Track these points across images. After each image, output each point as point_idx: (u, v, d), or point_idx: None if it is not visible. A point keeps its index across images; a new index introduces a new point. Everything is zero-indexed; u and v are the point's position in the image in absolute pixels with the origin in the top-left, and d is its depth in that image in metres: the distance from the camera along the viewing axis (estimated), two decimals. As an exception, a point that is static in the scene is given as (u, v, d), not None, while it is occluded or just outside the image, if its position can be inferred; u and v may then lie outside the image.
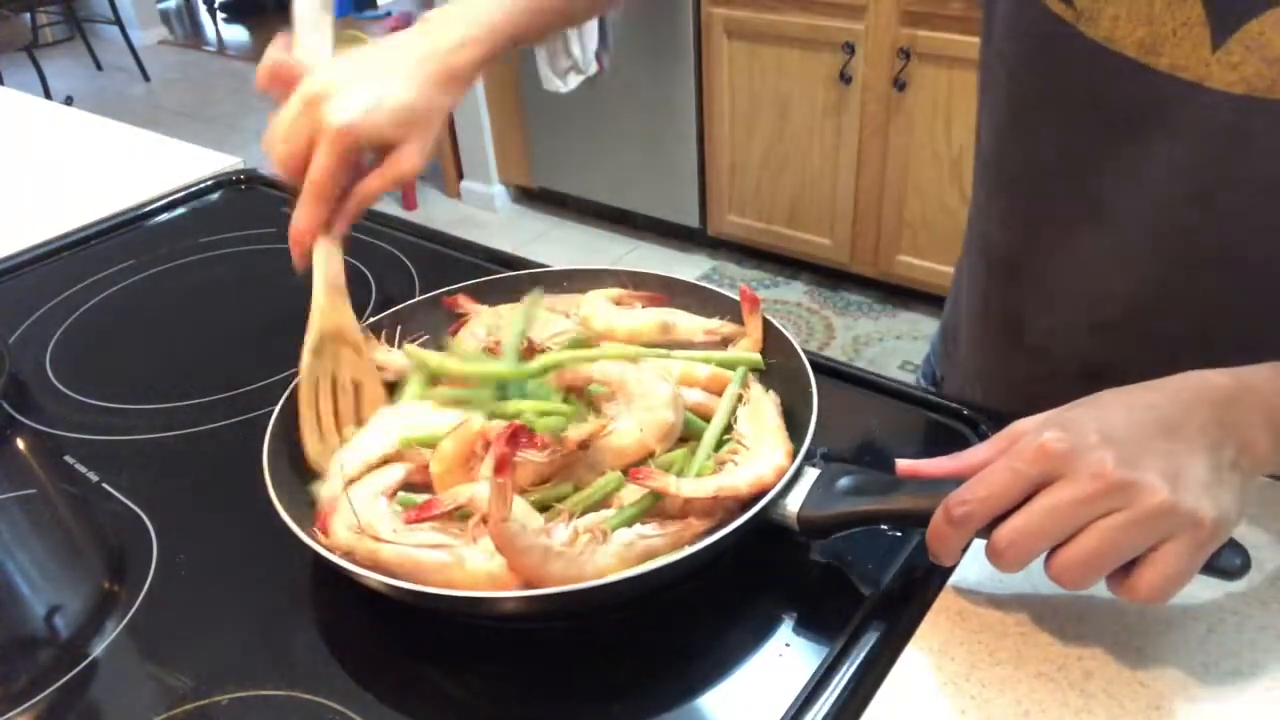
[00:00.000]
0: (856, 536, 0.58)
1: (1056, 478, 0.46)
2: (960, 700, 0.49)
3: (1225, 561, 0.47)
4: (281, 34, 0.70)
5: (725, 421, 0.62)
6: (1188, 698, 0.49)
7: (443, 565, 0.52)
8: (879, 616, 0.55)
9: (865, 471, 0.57)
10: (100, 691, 0.55)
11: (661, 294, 0.74)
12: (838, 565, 0.59)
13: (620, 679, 0.54)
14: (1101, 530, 0.44)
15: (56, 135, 1.33)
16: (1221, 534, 0.45)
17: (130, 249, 1.02)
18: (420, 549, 0.53)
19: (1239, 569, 0.48)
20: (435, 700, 0.54)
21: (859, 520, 0.54)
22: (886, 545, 0.59)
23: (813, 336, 2.64)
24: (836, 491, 0.55)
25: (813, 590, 0.58)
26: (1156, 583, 0.45)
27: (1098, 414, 0.47)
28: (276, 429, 0.62)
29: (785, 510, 0.55)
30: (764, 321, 0.69)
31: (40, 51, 4.80)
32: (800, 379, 0.63)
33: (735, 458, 0.59)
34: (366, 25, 3.37)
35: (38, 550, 0.66)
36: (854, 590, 0.57)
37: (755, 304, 0.69)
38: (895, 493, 0.54)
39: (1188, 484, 0.44)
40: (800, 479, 0.56)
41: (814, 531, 0.56)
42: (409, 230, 1.01)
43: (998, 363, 0.79)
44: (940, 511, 0.49)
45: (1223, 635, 0.52)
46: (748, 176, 2.75)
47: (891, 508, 0.53)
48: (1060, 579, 0.46)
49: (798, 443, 0.58)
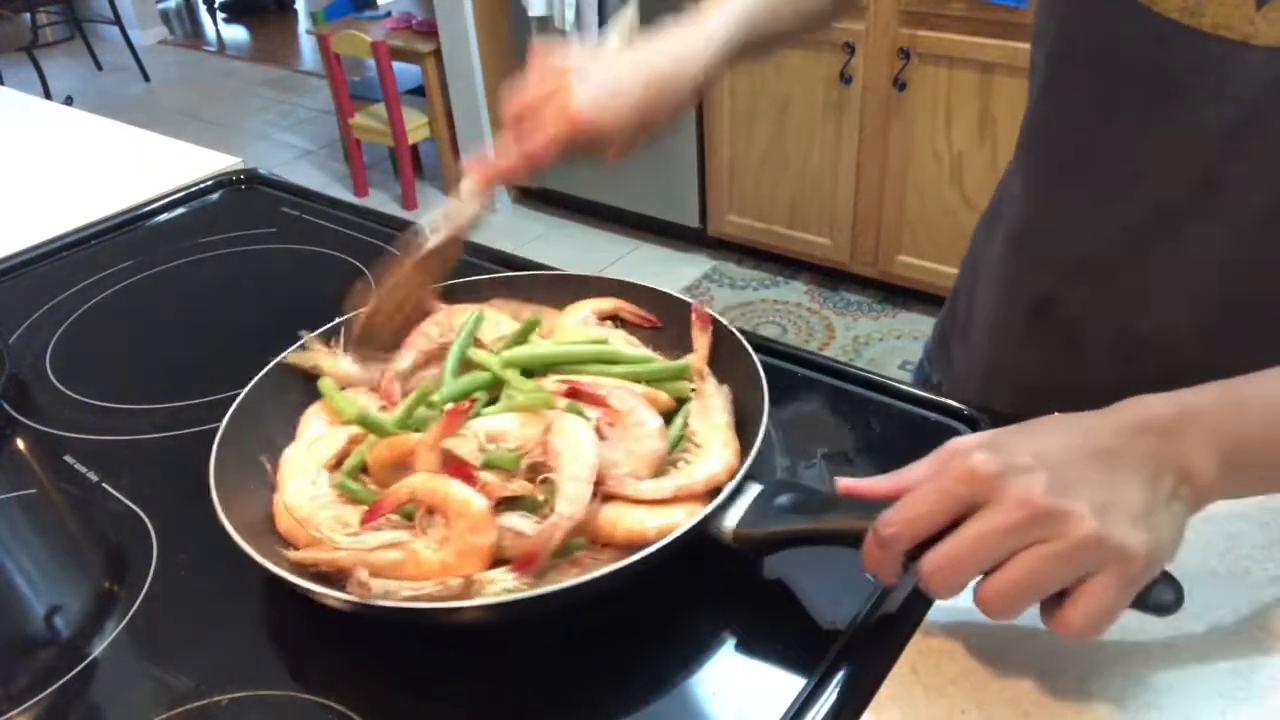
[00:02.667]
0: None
1: (984, 501, 0.44)
2: (960, 700, 0.49)
3: (1157, 597, 0.46)
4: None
5: (682, 424, 0.63)
6: (1188, 698, 0.49)
7: (396, 562, 0.53)
8: (880, 616, 0.55)
9: (806, 489, 0.56)
10: (100, 691, 0.55)
11: (651, 315, 0.74)
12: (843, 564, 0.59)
13: (594, 680, 0.54)
14: (1026, 561, 0.43)
15: (56, 135, 1.33)
16: (1153, 568, 0.44)
17: (130, 249, 1.02)
18: (374, 551, 0.54)
19: (1171, 605, 0.46)
20: (434, 700, 0.54)
21: (794, 539, 0.54)
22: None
23: (813, 336, 2.64)
24: (774, 509, 0.55)
25: (814, 591, 0.58)
26: (1083, 618, 0.43)
27: (1034, 438, 0.46)
28: (226, 442, 0.61)
29: (722, 526, 0.55)
30: (727, 334, 0.68)
31: (40, 51, 4.80)
32: (755, 390, 0.62)
33: (687, 455, 0.60)
34: (366, 25, 3.37)
35: (38, 550, 0.65)
36: (857, 594, 0.57)
37: (706, 323, 0.69)
38: (830, 512, 0.53)
39: (1119, 515, 0.43)
40: (741, 494, 0.56)
41: (750, 548, 0.55)
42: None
43: (1018, 350, 0.78)
44: (870, 533, 0.47)
45: (1222, 635, 0.52)
46: (748, 176, 2.75)
47: (825, 527, 0.52)
48: (986, 609, 0.45)
49: (748, 454, 0.58)
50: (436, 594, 0.51)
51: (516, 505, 0.57)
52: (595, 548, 0.55)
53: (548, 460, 0.57)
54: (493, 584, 0.52)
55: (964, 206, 2.37)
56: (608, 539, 0.55)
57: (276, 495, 0.60)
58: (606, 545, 0.56)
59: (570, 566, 0.54)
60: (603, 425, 0.60)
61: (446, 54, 3.19)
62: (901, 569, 0.48)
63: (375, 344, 0.68)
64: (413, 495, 0.55)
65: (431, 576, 0.52)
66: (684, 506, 0.56)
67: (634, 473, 0.58)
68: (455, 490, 0.54)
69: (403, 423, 0.62)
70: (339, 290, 0.74)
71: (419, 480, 0.55)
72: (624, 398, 0.61)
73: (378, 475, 0.61)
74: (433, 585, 0.51)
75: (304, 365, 0.69)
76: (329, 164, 3.98)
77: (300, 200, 1.09)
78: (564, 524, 0.53)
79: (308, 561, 0.54)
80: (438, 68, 3.25)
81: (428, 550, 0.53)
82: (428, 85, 3.30)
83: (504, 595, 0.51)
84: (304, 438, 0.65)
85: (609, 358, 0.66)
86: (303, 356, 0.69)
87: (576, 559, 0.54)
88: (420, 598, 0.51)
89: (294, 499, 0.59)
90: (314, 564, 0.54)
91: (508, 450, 0.58)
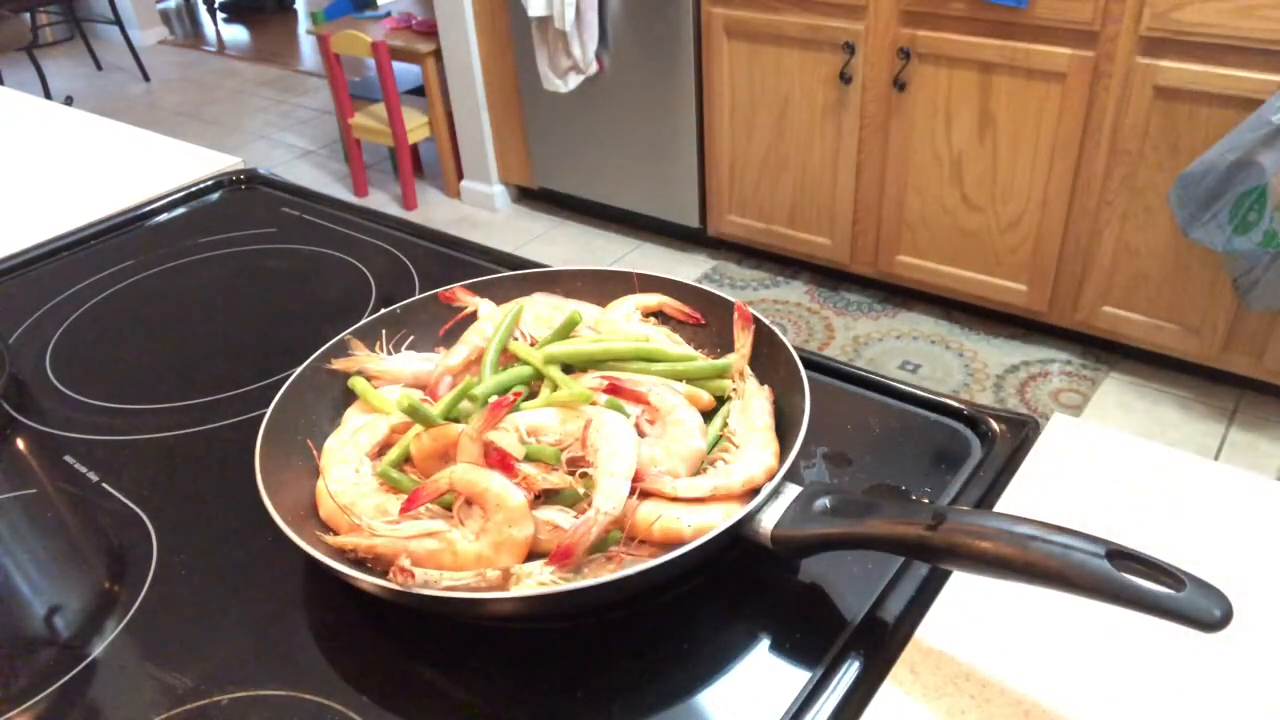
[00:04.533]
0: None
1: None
2: (960, 700, 0.49)
3: (1203, 613, 0.43)
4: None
5: (722, 423, 0.63)
6: (1189, 697, 0.49)
7: (434, 552, 0.54)
8: (882, 617, 0.55)
9: (845, 493, 0.56)
10: (100, 691, 0.55)
11: (696, 312, 0.74)
12: (850, 563, 0.59)
13: (616, 681, 0.54)
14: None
15: (56, 135, 1.33)
16: None
17: (130, 249, 1.02)
18: (412, 539, 0.54)
19: (1219, 621, 0.43)
20: (434, 700, 0.54)
21: (832, 543, 0.53)
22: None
23: (813, 336, 2.64)
24: (813, 512, 0.54)
25: (814, 591, 0.58)
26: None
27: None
28: (269, 430, 0.62)
29: (760, 527, 0.54)
30: (768, 333, 0.68)
31: (40, 51, 4.80)
32: (796, 394, 0.62)
33: (725, 455, 0.60)
34: (366, 25, 3.36)
35: (38, 550, 0.65)
36: (857, 591, 0.57)
37: (749, 322, 0.69)
38: (870, 516, 0.52)
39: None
40: (779, 495, 0.56)
41: (787, 551, 0.55)
42: (409, 230, 1.01)
43: None
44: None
45: (1224, 635, 0.52)
46: (748, 176, 2.75)
47: (865, 531, 0.52)
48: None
49: (787, 457, 0.58)
50: (475, 584, 0.52)
51: (555, 499, 0.57)
52: (632, 544, 0.56)
53: (587, 455, 0.57)
54: (529, 577, 0.52)
55: (964, 206, 2.37)
56: (644, 536, 0.56)
57: (320, 481, 0.61)
58: (643, 542, 0.56)
59: (606, 562, 0.54)
60: (642, 422, 0.61)
61: (446, 54, 3.19)
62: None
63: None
64: (452, 486, 0.56)
65: (468, 567, 0.53)
66: (721, 506, 0.56)
67: (672, 470, 0.58)
68: (494, 483, 0.55)
69: (446, 414, 0.62)
70: (339, 290, 0.74)
71: (458, 471, 0.56)
72: (664, 395, 0.62)
73: (422, 465, 0.61)
74: (471, 576, 0.52)
75: (349, 370, 0.69)
76: (329, 164, 3.98)
77: (300, 200, 1.09)
78: (601, 519, 0.54)
79: (348, 547, 0.55)
80: (438, 68, 3.25)
81: (465, 541, 0.54)
82: (428, 85, 3.30)
83: (539, 588, 0.51)
84: (348, 426, 0.66)
85: (650, 355, 0.67)
86: (348, 362, 0.69)
87: (612, 554, 0.55)
88: (459, 588, 0.52)
89: (337, 485, 0.60)
90: (353, 550, 0.55)
91: (548, 445, 0.59)
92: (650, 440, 0.60)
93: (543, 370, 0.65)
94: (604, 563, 0.54)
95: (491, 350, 0.67)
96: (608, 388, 0.62)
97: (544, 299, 0.75)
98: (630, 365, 0.66)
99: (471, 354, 0.69)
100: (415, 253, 0.96)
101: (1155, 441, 0.64)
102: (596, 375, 0.64)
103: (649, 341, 0.68)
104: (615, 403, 0.61)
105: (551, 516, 0.55)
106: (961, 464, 0.66)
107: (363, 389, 0.68)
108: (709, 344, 0.72)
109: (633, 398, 0.61)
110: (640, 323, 0.72)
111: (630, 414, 0.61)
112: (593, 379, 0.64)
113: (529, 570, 0.53)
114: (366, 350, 0.71)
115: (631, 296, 0.75)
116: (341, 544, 0.56)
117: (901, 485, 0.65)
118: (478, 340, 0.70)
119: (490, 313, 0.74)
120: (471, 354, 0.69)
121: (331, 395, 0.69)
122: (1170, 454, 0.64)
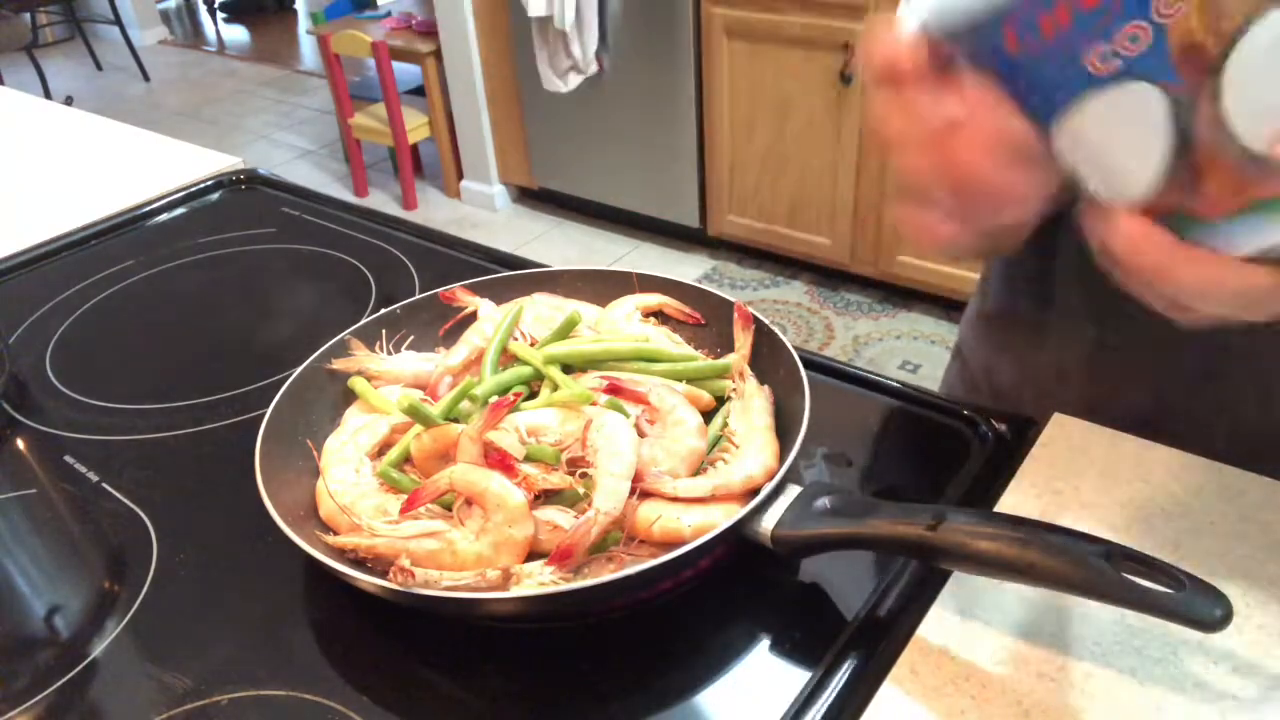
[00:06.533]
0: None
1: None
2: (960, 700, 0.49)
3: (1203, 613, 0.43)
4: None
5: (722, 423, 0.63)
6: (1188, 697, 0.49)
7: (433, 552, 0.54)
8: (881, 617, 0.55)
9: (846, 492, 0.56)
10: (100, 691, 0.55)
11: (696, 312, 0.74)
12: (847, 563, 0.59)
13: (616, 681, 0.54)
14: None
15: (56, 135, 1.33)
16: None
17: (130, 249, 1.02)
18: (412, 539, 0.54)
19: (1219, 621, 0.43)
20: (434, 700, 0.54)
21: (833, 543, 0.53)
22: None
23: (813, 336, 2.64)
24: (813, 512, 0.54)
25: (814, 591, 0.59)
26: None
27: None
28: (269, 430, 0.62)
29: (760, 527, 0.54)
30: (768, 333, 0.68)
31: (40, 51, 4.80)
32: (796, 394, 0.62)
33: (725, 456, 0.60)
34: (366, 25, 3.37)
35: (38, 550, 0.65)
36: (857, 591, 0.57)
37: (749, 322, 0.69)
38: (871, 516, 0.52)
39: None
40: (779, 495, 0.56)
41: (788, 551, 0.55)
42: (409, 230, 1.01)
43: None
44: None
45: (1223, 635, 0.52)
46: (747, 176, 2.75)
47: (866, 532, 0.52)
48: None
49: (787, 457, 0.58)
50: (475, 584, 0.52)
51: (555, 499, 0.57)
52: (632, 544, 0.56)
53: (587, 455, 0.57)
54: (529, 577, 0.52)
55: (964, 206, 2.37)
56: (644, 536, 0.56)
57: (320, 481, 0.61)
58: (643, 542, 0.56)
59: (606, 562, 0.54)
60: (642, 422, 0.61)
61: (446, 54, 3.19)
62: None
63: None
64: (452, 486, 0.56)
65: (468, 567, 0.53)
66: (721, 506, 0.56)
67: (672, 471, 0.58)
68: (494, 483, 0.55)
69: (446, 414, 0.62)
70: (339, 290, 0.74)
71: (458, 471, 0.56)
72: (664, 395, 0.62)
73: (422, 465, 0.61)
74: (472, 576, 0.52)
75: (349, 370, 0.69)
76: (329, 164, 3.98)
77: (300, 200, 1.09)
78: (601, 520, 0.54)
79: (348, 547, 0.55)
80: (438, 68, 3.25)
81: (465, 541, 0.54)
82: (428, 85, 3.30)
83: (540, 588, 0.51)
84: (348, 426, 0.66)
85: (650, 355, 0.67)
86: (348, 362, 0.70)
87: (612, 554, 0.55)
88: (459, 588, 0.52)
89: (337, 485, 0.60)
90: (353, 550, 0.55)
91: (548, 445, 0.59)
92: (650, 440, 0.60)
93: (543, 370, 0.65)
94: (604, 563, 0.54)
95: (491, 350, 0.67)
96: (608, 388, 0.62)
97: (544, 299, 0.75)
98: (630, 365, 0.66)
99: (471, 354, 0.69)
100: (415, 253, 0.96)
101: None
102: (596, 375, 0.64)
103: (649, 342, 0.68)
104: (615, 403, 0.61)
105: (551, 516, 0.55)
106: (961, 464, 0.66)
107: (363, 389, 0.68)
108: (709, 344, 0.72)
109: (633, 398, 0.61)
110: (640, 323, 0.72)
111: (630, 414, 0.61)
112: (593, 379, 0.64)
113: (529, 570, 0.53)
114: (366, 350, 0.71)
115: (631, 297, 0.75)
116: (341, 544, 0.56)
117: (901, 485, 0.65)
118: (478, 340, 0.70)
119: (490, 313, 0.74)
120: (471, 354, 0.69)
121: (331, 395, 0.69)
122: (1170, 453, 0.64)
